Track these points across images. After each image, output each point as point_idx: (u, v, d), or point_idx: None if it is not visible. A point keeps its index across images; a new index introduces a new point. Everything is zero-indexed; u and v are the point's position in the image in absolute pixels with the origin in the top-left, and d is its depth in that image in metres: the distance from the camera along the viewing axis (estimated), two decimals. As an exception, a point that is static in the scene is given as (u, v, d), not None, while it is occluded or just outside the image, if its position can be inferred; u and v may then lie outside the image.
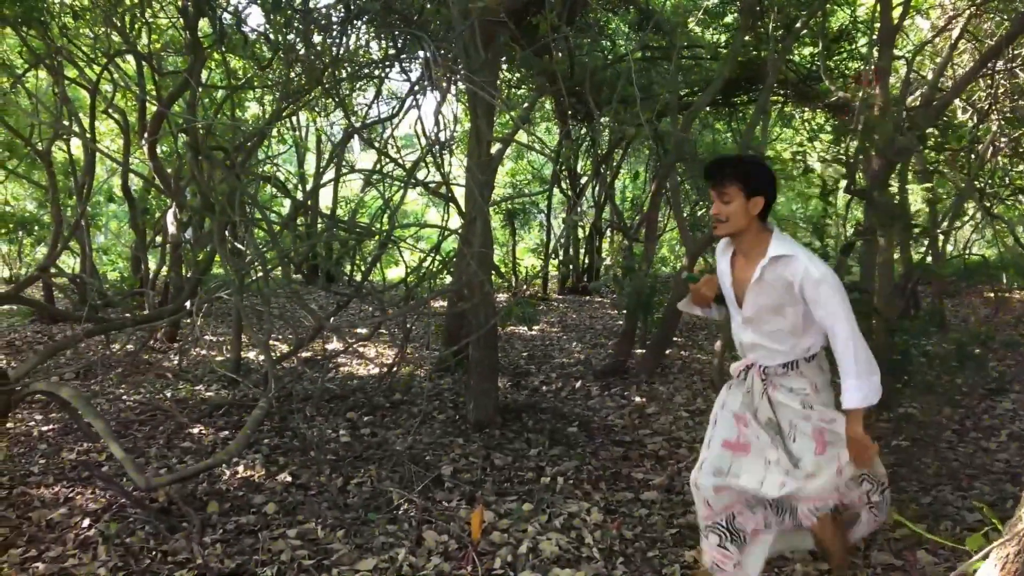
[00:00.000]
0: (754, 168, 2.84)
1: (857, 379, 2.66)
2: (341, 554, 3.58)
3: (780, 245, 2.77)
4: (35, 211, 15.37)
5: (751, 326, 2.94)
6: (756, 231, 2.85)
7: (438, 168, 5.98)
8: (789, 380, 2.91)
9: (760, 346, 2.93)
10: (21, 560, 3.60)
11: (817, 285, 2.68)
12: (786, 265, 2.74)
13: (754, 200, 2.79)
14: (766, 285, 2.80)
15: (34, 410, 6.29)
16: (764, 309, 2.85)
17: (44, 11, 6.78)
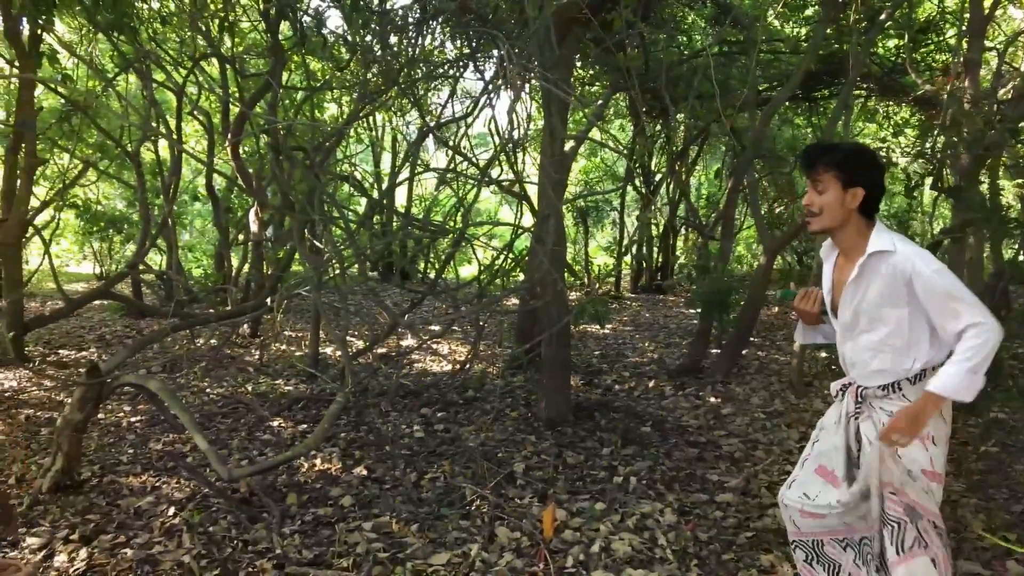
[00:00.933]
0: (855, 155, 2.53)
1: (958, 370, 2.32)
2: (415, 548, 3.63)
3: (882, 239, 2.47)
4: (124, 210, 15.98)
5: (848, 336, 2.65)
6: (857, 227, 2.54)
7: (511, 166, 6.00)
8: (890, 404, 2.56)
9: (859, 361, 2.62)
10: (111, 546, 3.75)
11: (927, 278, 2.37)
12: (888, 261, 2.44)
13: (852, 191, 2.49)
14: (865, 284, 2.51)
15: (123, 402, 6.55)
16: (862, 314, 2.56)
17: (134, 17, 7.05)
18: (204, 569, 3.44)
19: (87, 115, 8.72)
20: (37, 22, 7.40)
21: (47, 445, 5.26)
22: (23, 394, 7.07)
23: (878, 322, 2.52)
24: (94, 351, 9.02)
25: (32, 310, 11.09)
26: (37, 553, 3.67)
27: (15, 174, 8.57)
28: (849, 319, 2.61)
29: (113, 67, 10.11)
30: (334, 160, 9.11)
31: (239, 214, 12.61)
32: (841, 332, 2.69)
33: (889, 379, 2.55)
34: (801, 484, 2.74)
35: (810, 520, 2.70)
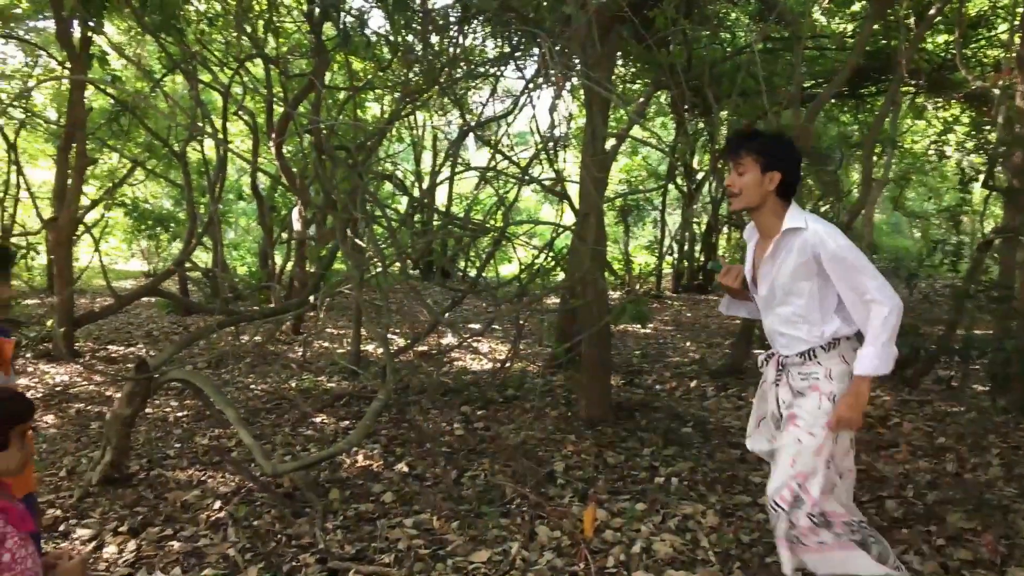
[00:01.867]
0: (773, 142, 2.73)
1: (878, 346, 2.55)
2: (456, 545, 3.64)
3: (795, 218, 2.67)
4: (171, 208, 16.27)
5: (767, 308, 2.85)
6: (773, 208, 2.74)
7: (552, 165, 5.99)
8: (806, 369, 2.77)
9: (777, 333, 2.83)
10: (158, 538, 3.82)
11: (833, 253, 2.58)
12: (800, 237, 2.64)
13: (770, 175, 2.69)
14: (780, 260, 2.71)
15: (170, 396, 6.67)
16: (778, 288, 2.75)
17: (181, 19, 7.17)
18: (249, 562, 3.49)
19: (135, 115, 8.90)
20: (87, 24, 7.57)
21: (97, 439, 5.38)
22: (74, 388, 7.24)
23: (792, 295, 2.72)
24: (142, 347, 9.20)
25: (82, 306, 11.34)
26: (87, 544, 3.75)
27: (66, 173, 8.78)
28: (766, 293, 2.81)
29: (160, 68, 10.30)
30: (376, 159, 9.18)
31: (283, 213, 12.77)
32: (762, 306, 2.89)
33: (805, 347, 2.74)
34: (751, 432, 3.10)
35: None
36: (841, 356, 2.72)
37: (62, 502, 4.30)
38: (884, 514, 3.92)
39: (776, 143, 2.74)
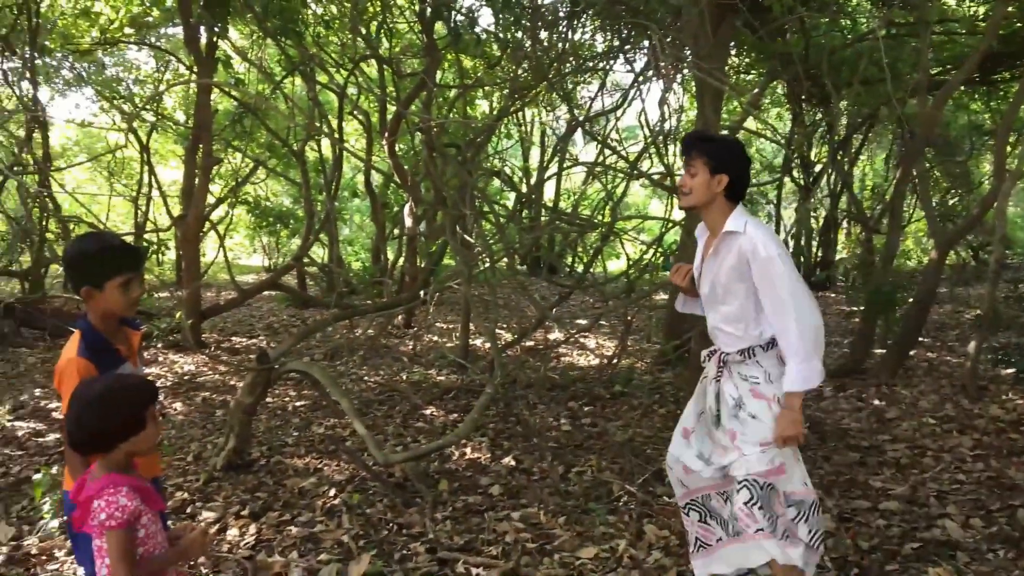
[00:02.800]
0: (723, 146, 2.82)
1: (798, 362, 2.64)
2: (563, 540, 3.65)
3: (736, 221, 2.74)
4: (290, 206, 16.90)
5: (710, 307, 2.92)
6: (720, 209, 2.80)
7: (661, 159, 5.91)
8: (746, 368, 2.81)
9: (718, 330, 2.89)
10: (277, 523, 3.98)
11: (762, 262, 2.65)
12: (736, 240, 2.71)
13: (718, 177, 2.75)
14: (720, 260, 2.78)
15: (289, 387, 6.94)
16: (717, 287, 2.82)
17: (300, 22, 7.43)
18: (362, 549, 3.59)
19: (257, 116, 9.28)
20: (213, 30, 7.94)
21: (221, 426, 5.65)
22: (200, 377, 7.63)
23: (730, 294, 2.79)
24: (263, 338, 9.60)
25: (208, 300, 11.92)
26: (212, 527, 3.95)
27: (194, 173, 9.23)
28: (708, 291, 2.88)
29: (280, 70, 10.71)
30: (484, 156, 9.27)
31: (395, 209, 13.06)
32: (705, 303, 2.95)
33: (744, 344, 2.80)
34: (674, 446, 3.07)
35: (693, 475, 2.96)
36: (778, 357, 2.78)
37: (189, 485, 4.54)
38: (1016, 524, 3.69)
39: (728, 147, 2.83)
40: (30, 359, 8.56)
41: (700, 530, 3.03)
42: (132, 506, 1.93)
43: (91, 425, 1.94)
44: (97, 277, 2.28)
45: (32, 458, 5.26)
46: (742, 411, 2.79)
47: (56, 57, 11.93)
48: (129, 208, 17.37)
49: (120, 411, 1.96)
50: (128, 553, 1.93)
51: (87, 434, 1.95)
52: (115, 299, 2.31)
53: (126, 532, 1.92)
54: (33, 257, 11.80)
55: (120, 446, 1.97)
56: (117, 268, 2.30)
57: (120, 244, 2.42)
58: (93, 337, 2.32)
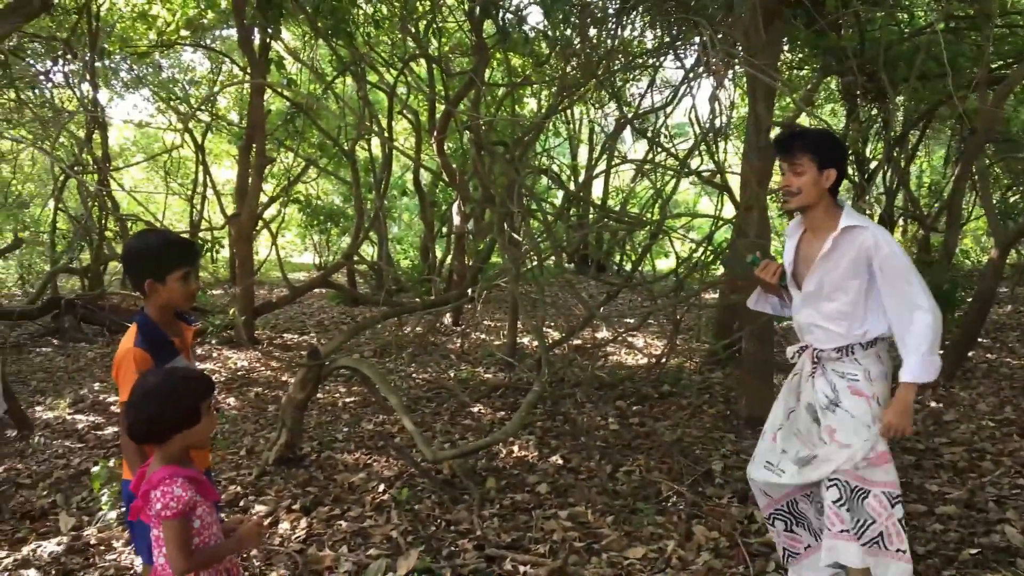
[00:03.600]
0: (826, 139, 2.78)
1: (919, 358, 2.60)
2: (610, 540, 3.63)
3: (852, 217, 2.71)
4: (341, 204, 17.10)
5: (811, 304, 2.84)
6: (827, 205, 2.78)
7: (712, 156, 5.84)
8: (842, 365, 2.78)
9: (816, 327, 2.84)
10: (327, 517, 4.03)
11: (885, 256, 2.63)
12: (857, 237, 2.67)
13: (827, 172, 2.71)
14: (835, 257, 2.72)
15: (339, 383, 7.02)
16: (828, 285, 2.76)
17: (350, 23, 7.51)
18: (410, 545, 3.62)
19: (309, 116, 9.41)
20: (266, 31, 8.07)
21: (273, 421, 5.74)
22: (253, 373, 7.77)
23: (840, 291, 2.74)
24: (314, 335, 9.74)
25: (261, 297, 12.13)
26: (264, 520, 4.01)
27: (247, 172, 9.40)
28: (814, 288, 2.80)
29: (331, 70, 10.83)
30: (533, 154, 9.27)
31: (443, 208, 13.13)
32: (802, 301, 2.87)
33: (844, 342, 2.76)
34: (762, 455, 3.00)
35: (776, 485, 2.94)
36: (877, 356, 2.77)
37: (242, 479, 4.62)
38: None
39: (830, 140, 2.79)
40: (89, 354, 8.81)
41: (787, 540, 3.02)
42: (187, 497, 1.98)
43: (149, 414, 2.00)
44: (159, 270, 2.40)
45: (91, 450, 5.41)
46: (839, 408, 2.76)
47: (115, 59, 12.26)
48: (184, 207, 17.77)
49: (177, 402, 2.02)
50: (183, 542, 1.98)
51: (144, 423, 2.01)
52: (176, 291, 2.43)
53: (181, 522, 1.98)
54: (93, 255, 12.16)
55: (175, 437, 2.03)
56: (177, 261, 2.42)
57: (179, 239, 2.55)
58: (150, 329, 2.42)
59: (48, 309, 10.15)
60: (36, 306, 10.37)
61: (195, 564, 2.02)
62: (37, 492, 4.61)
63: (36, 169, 15.68)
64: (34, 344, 9.43)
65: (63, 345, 9.37)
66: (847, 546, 2.68)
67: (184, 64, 15.35)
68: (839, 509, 2.69)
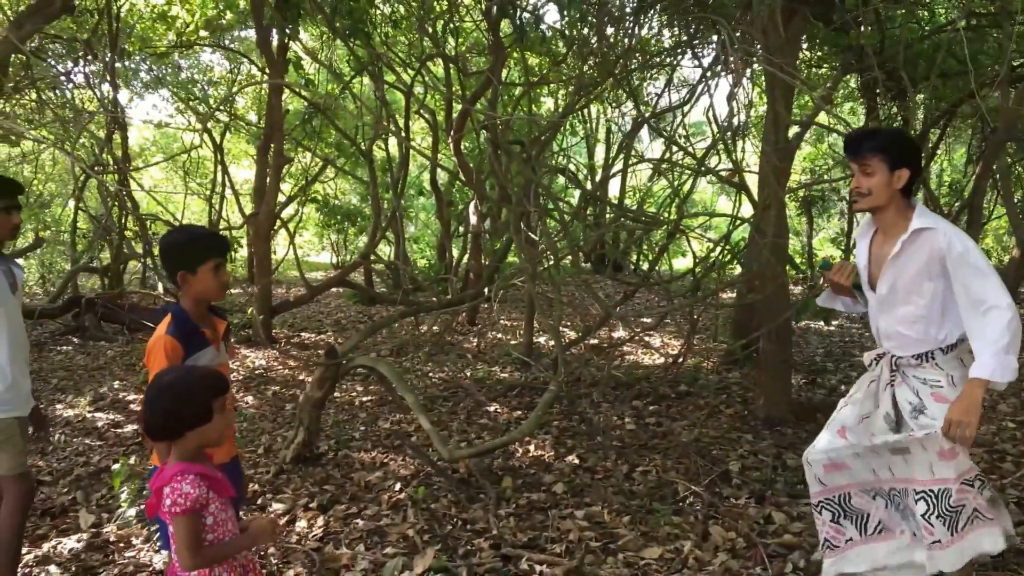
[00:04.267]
0: (898, 139, 2.71)
1: (994, 354, 2.50)
2: (627, 540, 3.62)
3: (923, 218, 2.64)
4: (358, 204, 17.15)
5: (886, 308, 2.78)
6: (899, 206, 2.71)
7: (730, 155, 5.81)
8: (923, 372, 2.72)
9: (894, 333, 2.77)
10: (344, 515, 4.05)
11: (961, 257, 2.55)
12: (929, 238, 2.61)
13: (898, 173, 2.65)
14: (906, 259, 2.67)
15: (356, 382, 7.04)
16: (901, 288, 2.71)
17: (368, 23, 7.53)
18: (427, 543, 3.62)
19: (326, 116, 9.44)
20: (284, 31, 8.11)
21: (291, 419, 5.77)
22: (271, 372, 7.81)
23: (915, 295, 2.68)
24: (331, 334, 9.78)
25: (278, 296, 12.19)
26: (281, 518, 4.03)
27: (265, 172, 9.45)
28: (887, 292, 2.75)
29: (349, 71, 10.87)
30: (549, 153, 9.26)
31: (460, 207, 13.15)
32: (878, 305, 2.81)
33: (923, 348, 2.69)
34: (826, 444, 2.92)
35: (835, 473, 2.89)
36: (960, 360, 2.69)
37: (260, 477, 4.65)
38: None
39: (901, 139, 2.73)
40: (109, 352, 8.89)
41: (830, 530, 2.97)
42: (196, 494, 2.00)
43: (161, 411, 2.03)
44: (191, 263, 2.52)
45: (111, 448, 5.46)
46: (924, 416, 2.70)
47: (135, 60, 12.36)
48: (203, 206, 17.88)
49: (189, 400, 2.05)
50: (192, 539, 2.01)
51: (158, 420, 2.05)
52: (207, 282, 2.54)
53: (190, 518, 2.00)
54: (113, 254, 12.26)
55: (189, 435, 2.05)
56: (208, 253, 2.54)
57: (209, 233, 2.72)
58: (183, 319, 2.53)
59: (69, 308, 10.25)
60: (57, 305, 10.47)
61: (203, 561, 2.04)
62: (57, 489, 4.66)
63: (57, 169, 15.86)
64: (55, 342, 9.52)
65: (83, 343, 9.46)
66: (942, 555, 2.66)
67: (203, 65, 15.45)
68: (929, 520, 2.66)
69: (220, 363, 2.62)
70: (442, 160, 11.58)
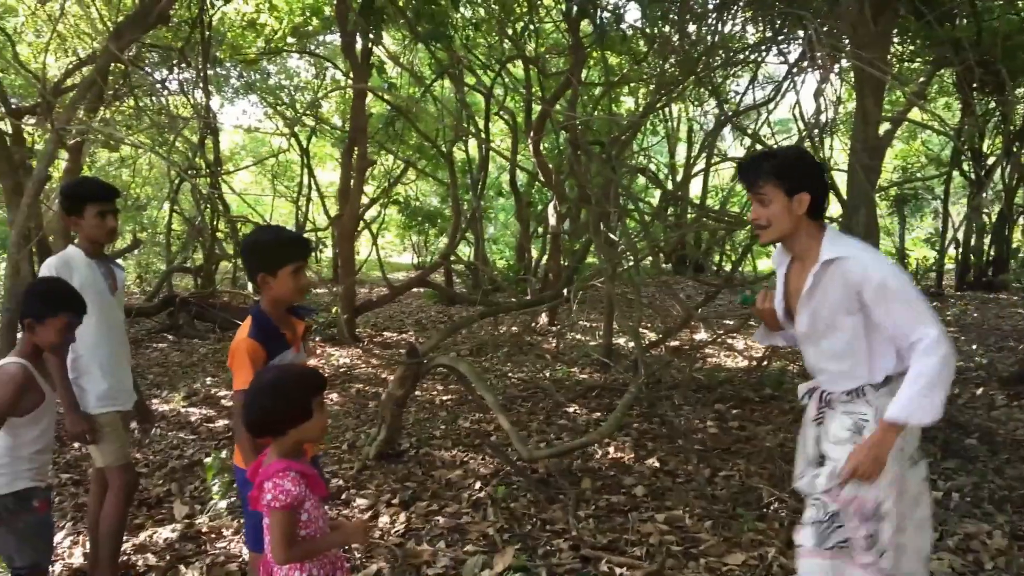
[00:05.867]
0: (792, 161, 2.43)
1: (912, 394, 2.24)
2: (709, 545, 3.56)
3: (833, 246, 2.37)
4: (439, 205, 17.36)
5: (809, 343, 2.53)
6: (809, 232, 2.43)
7: (816, 153, 5.66)
8: (855, 407, 2.42)
9: (822, 368, 2.52)
10: (425, 512, 4.10)
11: (880, 287, 2.28)
12: (841, 268, 2.33)
13: (798, 198, 2.37)
14: (820, 294, 2.39)
15: (436, 381, 7.13)
16: (819, 322, 2.44)
17: (449, 26, 7.62)
18: (506, 542, 3.64)
19: (408, 119, 9.60)
20: (368, 37, 8.27)
21: (373, 417, 5.87)
22: (355, 370, 7.97)
23: (835, 329, 2.42)
24: (412, 334, 9.92)
25: (362, 296, 12.43)
26: (364, 513, 4.11)
27: (349, 174, 9.65)
28: (806, 327, 2.50)
29: (430, 74, 11.01)
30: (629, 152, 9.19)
31: (539, 208, 13.17)
32: (802, 339, 2.58)
33: (853, 384, 2.43)
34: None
35: None
36: (893, 394, 2.33)
37: (344, 473, 4.75)
38: None
39: (796, 161, 2.45)
40: (202, 350, 9.22)
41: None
42: (296, 492, 2.05)
43: (263, 410, 2.10)
44: (271, 265, 2.51)
45: (204, 442, 5.66)
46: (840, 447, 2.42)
47: (226, 67, 12.80)
48: (290, 208, 18.40)
49: (289, 399, 2.11)
50: (288, 534, 2.07)
51: (260, 418, 2.12)
52: (287, 285, 2.53)
53: (288, 514, 2.05)
54: (205, 254, 12.72)
55: (290, 432, 2.11)
56: (288, 256, 2.52)
57: (291, 235, 2.69)
58: (263, 321, 2.55)
59: (164, 307, 10.68)
60: (153, 304, 10.93)
61: (297, 555, 2.10)
62: (153, 480, 4.85)
63: (153, 173, 16.54)
64: (151, 340, 9.93)
65: (178, 341, 9.84)
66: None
67: (290, 70, 15.89)
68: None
69: (300, 363, 2.67)
70: (521, 161, 11.62)
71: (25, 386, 2.62)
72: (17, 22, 11.10)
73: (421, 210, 15.60)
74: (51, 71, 10.86)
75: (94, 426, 3.16)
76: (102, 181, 3.43)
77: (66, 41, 10.92)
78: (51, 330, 2.65)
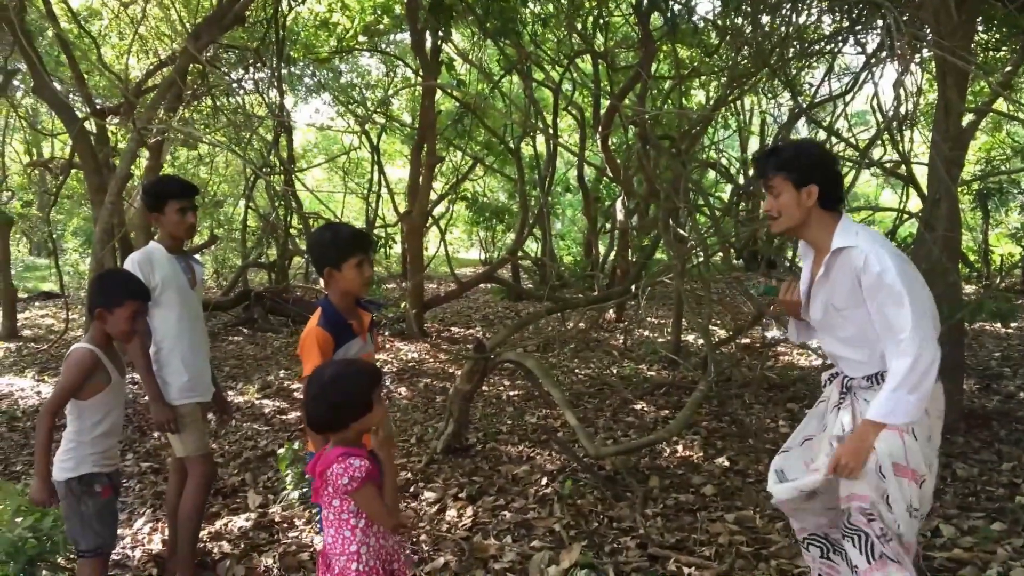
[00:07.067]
0: (801, 154, 2.51)
1: (891, 394, 2.29)
2: (780, 546, 3.49)
3: (844, 236, 2.43)
4: (506, 201, 17.40)
5: (825, 332, 2.61)
6: (821, 223, 2.50)
7: (896, 146, 5.49)
8: (873, 394, 2.42)
9: (839, 356, 2.57)
10: (492, 507, 4.12)
11: (877, 279, 2.31)
12: (848, 257, 2.40)
13: (807, 189, 2.45)
14: (830, 282, 2.48)
15: (503, 376, 7.16)
16: (831, 311, 2.52)
17: (518, 22, 7.61)
18: (573, 539, 3.63)
19: (477, 116, 9.64)
20: (437, 34, 8.33)
21: (441, 411, 5.93)
22: (423, 364, 8.06)
23: (847, 319, 2.48)
24: (479, 329, 9.98)
25: (430, 291, 12.56)
26: (432, 506, 4.16)
27: (418, 171, 9.75)
28: (820, 316, 2.58)
29: (498, 70, 11.03)
30: (700, 147, 9.06)
31: (607, 203, 13.09)
32: (818, 328, 2.65)
33: (871, 370, 2.47)
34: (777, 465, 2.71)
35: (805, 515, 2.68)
36: None
37: (412, 466, 4.81)
38: None
39: (804, 153, 2.52)
40: (275, 343, 9.44)
41: (823, 567, 2.72)
42: (366, 464, 2.13)
43: (326, 406, 2.16)
44: (336, 259, 2.67)
45: (277, 433, 5.80)
46: None
47: (299, 66, 13.04)
48: (361, 205, 18.69)
49: (350, 393, 2.17)
50: (378, 504, 2.16)
51: (321, 413, 2.17)
52: (351, 278, 2.68)
53: (368, 488, 2.13)
54: (279, 250, 13.01)
55: (352, 425, 2.16)
56: (351, 251, 2.68)
57: (353, 230, 2.83)
58: (331, 312, 2.69)
59: (239, 301, 10.98)
60: (229, 298, 11.24)
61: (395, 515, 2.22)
62: (229, 470, 4.99)
63: (229, 171, 17.00)
64: (227, 333, 10.21)
65: (252, 334, 10.10)
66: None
67: (361, 69, 16.12)
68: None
69: (366, 353, 2.79)
70: (589, 156, 11.56)
71: (91, 370, 2.77)
72: (102, 25, 11.53)
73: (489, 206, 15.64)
74: (133, 72, 11.25)
75: (176, 416, 3.27)
76: (182, 179, 3.55)
77: (147, 43, 11.29)
78: (120, 318, 2.78)
